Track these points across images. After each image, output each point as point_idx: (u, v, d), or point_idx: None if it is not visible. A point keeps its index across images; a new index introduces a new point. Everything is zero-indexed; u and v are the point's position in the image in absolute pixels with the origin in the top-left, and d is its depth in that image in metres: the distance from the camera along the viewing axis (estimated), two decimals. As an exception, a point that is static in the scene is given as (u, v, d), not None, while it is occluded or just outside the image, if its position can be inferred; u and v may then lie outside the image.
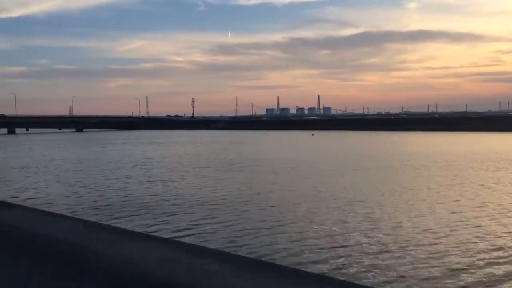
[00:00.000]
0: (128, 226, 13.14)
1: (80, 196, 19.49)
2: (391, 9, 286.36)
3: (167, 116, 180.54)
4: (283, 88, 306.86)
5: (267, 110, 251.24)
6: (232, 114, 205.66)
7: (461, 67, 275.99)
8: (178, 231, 13.14)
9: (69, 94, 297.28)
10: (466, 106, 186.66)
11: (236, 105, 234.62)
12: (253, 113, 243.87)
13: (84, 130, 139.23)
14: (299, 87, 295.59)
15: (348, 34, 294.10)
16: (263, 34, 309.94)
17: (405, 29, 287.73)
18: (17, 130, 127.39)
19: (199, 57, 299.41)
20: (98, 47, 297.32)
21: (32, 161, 37.36)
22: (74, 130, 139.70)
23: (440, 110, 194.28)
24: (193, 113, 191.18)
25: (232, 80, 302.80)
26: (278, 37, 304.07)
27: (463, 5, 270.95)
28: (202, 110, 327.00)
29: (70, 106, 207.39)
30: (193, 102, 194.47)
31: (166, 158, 39.63)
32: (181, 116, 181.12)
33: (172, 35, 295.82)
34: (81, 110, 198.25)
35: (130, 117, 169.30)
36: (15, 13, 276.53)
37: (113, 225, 10.39)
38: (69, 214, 14.22)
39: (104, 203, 17.75)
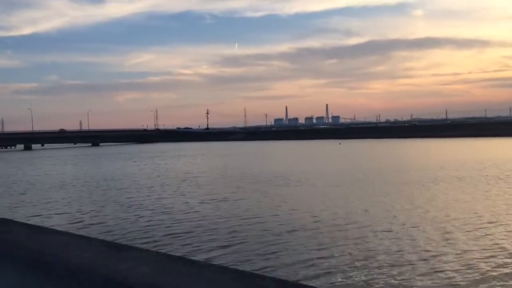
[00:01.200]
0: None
1: (160, 225, 16.61)
2: (396, 17, 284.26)
3: (178, 128, 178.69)
4: (291, 98, 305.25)
5: (275, 120, 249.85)
6: (241, 125, 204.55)
7: (470, 73, 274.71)
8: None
9: (79, 109, 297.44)
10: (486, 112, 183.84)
11: (245, 116, 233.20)
12: (266, 124, 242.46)
13: (100, 144, 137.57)
14: (307, 96, 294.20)
15: (354, 43, 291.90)
16: (270, 45, 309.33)
17: (411, 36, 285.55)
18: (33, 146, 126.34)
19: (206, 70, 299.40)
20: (107, 62, 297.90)
21: (68, 179, 34.73)
22: (90, 144, 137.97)
23: (450, 116, 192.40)
24: (207, 125, 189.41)
25: (240, 91, 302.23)
26: (285, 47, 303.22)
27: (470, 11, 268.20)
28: (210, 122, 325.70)
29: (80, 121, 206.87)
30: (207, 113, 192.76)
31: (205, 171, 36.81)
32: (191, 128, 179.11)
33: (179, 48, 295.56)
34: (92, 124, 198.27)
35: (145, 130, 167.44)
36: (25, 31, 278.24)
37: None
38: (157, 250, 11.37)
39: (179, 230, 14.84)
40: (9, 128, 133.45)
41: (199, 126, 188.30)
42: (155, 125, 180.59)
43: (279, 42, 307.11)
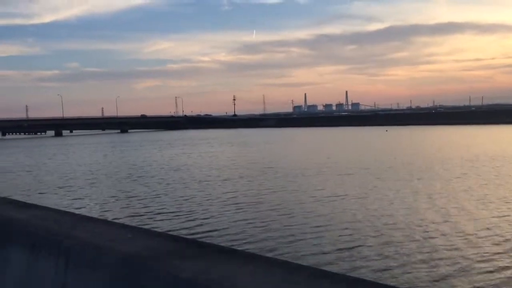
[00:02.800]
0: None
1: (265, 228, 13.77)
2: (417, 2, 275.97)
3: (206, 115, 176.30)
4: (310, 85, 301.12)
5: (294, 107, 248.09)
6: (259, 112, 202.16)
7: (493, 58, 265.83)
8: None
9: (99, 96, 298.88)
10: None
11: (264, 103, 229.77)
12: (294, 110, 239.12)
13: (128, 131, 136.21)
14: (326, 83, 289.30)
15: (375, 28, 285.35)
16: (288, 31, 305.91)
17: (432, 21, 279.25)
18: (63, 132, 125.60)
19: (224, 57, 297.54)
20: (126, 50, 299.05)
21: (126, 168, 32.27)
22: (119, 131, 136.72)
23: (473, 103, 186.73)
24: (234, 112, 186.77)
25: (258, 78, 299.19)
26: (304, 34, 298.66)
27: None
28: (228, 109, 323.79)
29: (102, 108, 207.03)
30: (234, 100, 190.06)
31: (276, 161, 33.87)
32: (210, 115, 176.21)
33: (197, 35, 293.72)
34: (112, 111, 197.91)
35: (172, 116, 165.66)
36: (47, 19, 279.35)
37: None
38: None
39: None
40: (33, 114, 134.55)
41: (226, 113, 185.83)
42: (182, 111, 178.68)
43: (298, 28, 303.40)
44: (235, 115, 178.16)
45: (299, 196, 18.57)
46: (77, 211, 12.58)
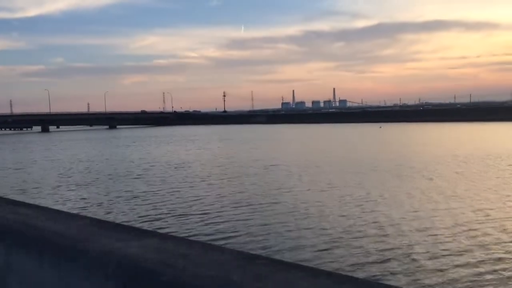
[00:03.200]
0: None
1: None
2: None
3: (194, 111, 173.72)
4: (298, 82, 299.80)
5: (282, 103, 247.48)
6: (248, 108, 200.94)
7: (478, 56, 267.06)
8: None
9: (85, 92, 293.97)
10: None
11: (252, 99, 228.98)
12: (282, 106, 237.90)
13: (117, 126, 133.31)
14: (314, 80, 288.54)
15: (362, 25, 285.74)
16: (277, 28, 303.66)
17: (419, 19, 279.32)
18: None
19: (213, 52, 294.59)
20: (112, 45, 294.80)
21: (134, 167, 30.45)
22: (107, 127, 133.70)
23: (458, 100, 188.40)
24: (224, 108, 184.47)
25: (247, 74, 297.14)
26: (292, 30, 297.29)
27: None
28: (216, 105, 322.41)
29: (88, 104, 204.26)
30: (224, 96, 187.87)
31: (277, 158, 32.35)
32: (199, 111, 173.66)
33: (185, 30, 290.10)
34: (99, 106, 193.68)
35: (162, 112, 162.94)
36: (31, 13, 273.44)
37: None
38: None
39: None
40: (18, 110, 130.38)
41: (216, 109, 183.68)
42: (172, 107, 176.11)
43: (286, 24, 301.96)
44: (225, 111, 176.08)
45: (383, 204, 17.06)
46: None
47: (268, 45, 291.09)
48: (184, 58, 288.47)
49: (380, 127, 77.14)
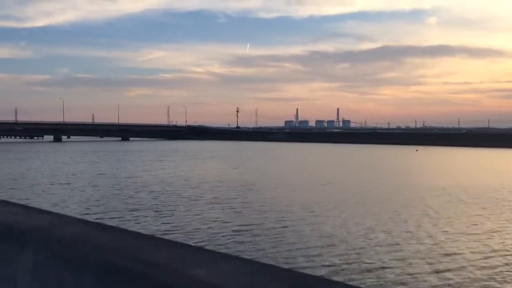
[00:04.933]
0: None
1: None
2: (410, 23, 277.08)
3: (200, 125, 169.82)
4: (302, 101, 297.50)
5: (286, 122, 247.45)
6: (252, 125, 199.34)
7: (481, 82, 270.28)
8: None
9: (89, 103, 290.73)
10: (489, 122, 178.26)
11: (256, 116, 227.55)
12: (285, 125, 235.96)
13: (129, 139, 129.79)
14: (317, 100, 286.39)
15: (367, 48, 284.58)
16: (282, 47, 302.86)
17: (424, 43, 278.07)
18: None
19: (218, 69, 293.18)
20: (119, 57, 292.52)
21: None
22: (120, 138, 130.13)
23: (461, 126, 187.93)
24: (237, 124, 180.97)
25: (251, 91, 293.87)
26: (297, 50, 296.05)
27: (484, 20, 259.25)
28: (222, 120, 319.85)
29: (93, 114, 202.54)
30: (237, 112, 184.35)
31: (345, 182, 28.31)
32: (204, 126, 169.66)
33: (192, 46, 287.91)
34: (103, 118, 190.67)
35: (175, 126, 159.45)
36: (40, 23, 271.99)
37: None
38: None
39: None
40: (22, 118, 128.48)
41: (229, 124, 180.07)
42: (185, 121, 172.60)
43: (291, 44, 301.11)
44: (238, 127, 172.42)
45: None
46: None
47: (272, 64, 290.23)
48: (189, 73, 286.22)
49: (417, 150, 73.65)
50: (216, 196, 22.19)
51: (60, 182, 28.26)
